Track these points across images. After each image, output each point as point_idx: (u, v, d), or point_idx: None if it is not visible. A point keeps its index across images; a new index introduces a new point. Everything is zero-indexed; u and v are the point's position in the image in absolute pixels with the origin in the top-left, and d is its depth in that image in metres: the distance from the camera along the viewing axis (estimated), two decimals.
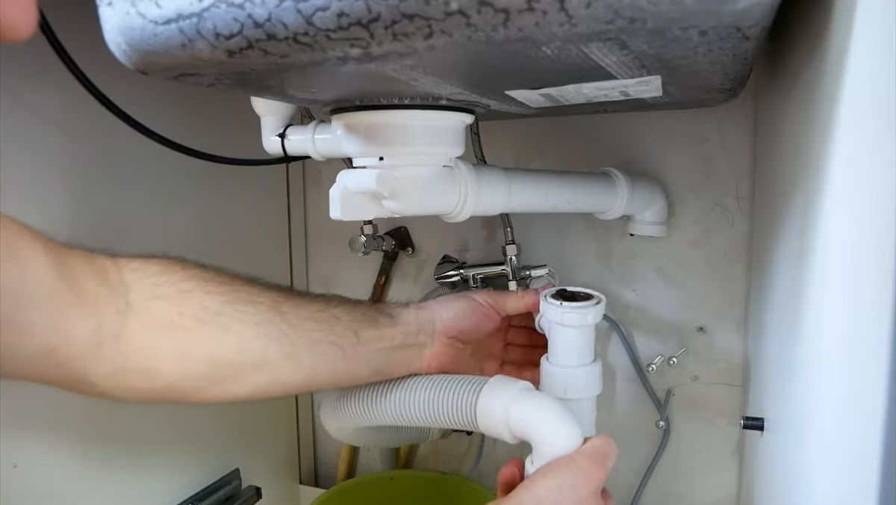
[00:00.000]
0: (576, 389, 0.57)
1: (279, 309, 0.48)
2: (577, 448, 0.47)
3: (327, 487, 0.97)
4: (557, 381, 0.57)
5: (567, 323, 0.56)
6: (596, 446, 0.47)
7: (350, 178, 0.49)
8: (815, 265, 0.34)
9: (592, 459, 0.46)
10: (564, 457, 0.46)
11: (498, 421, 0.49)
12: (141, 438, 0.75)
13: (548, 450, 0.47)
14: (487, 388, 0.51)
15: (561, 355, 0.57)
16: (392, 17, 0.28)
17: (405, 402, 0.54)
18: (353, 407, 0.58)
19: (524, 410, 0.48)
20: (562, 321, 0.56)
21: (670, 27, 0.29)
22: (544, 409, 0.48)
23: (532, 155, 0.86)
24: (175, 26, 0.32)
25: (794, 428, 0.37)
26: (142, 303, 0.42)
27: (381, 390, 0.56)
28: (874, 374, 0.21)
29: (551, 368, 0.58)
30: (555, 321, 0.57)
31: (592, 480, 0.45)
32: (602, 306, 0.57)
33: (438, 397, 0.52)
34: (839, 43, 0.30)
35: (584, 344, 0.57)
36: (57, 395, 0.44)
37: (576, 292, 0.59)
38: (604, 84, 0.43)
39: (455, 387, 0.52)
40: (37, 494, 0.64)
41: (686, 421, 0.83)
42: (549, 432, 0.47)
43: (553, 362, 0.58)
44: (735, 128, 0.76)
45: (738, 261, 0.78)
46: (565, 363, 0.57)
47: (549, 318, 0.57)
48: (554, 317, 0.57)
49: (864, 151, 0.25)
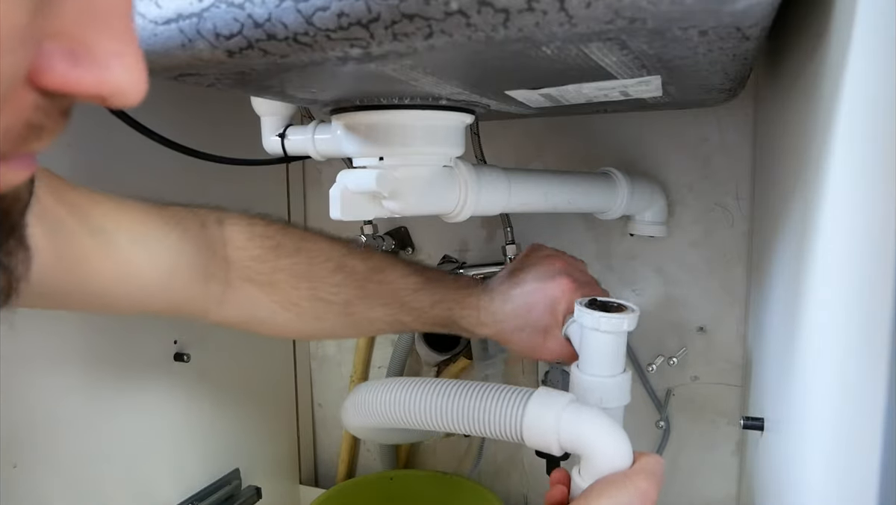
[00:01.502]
0: (611, 398, 0.56)
1: (349, 310, 0.58)
2: (628, 464, 0.46)
3: (327, 487, 0.97)
4: (593, 390, 0.56)
5: (605, 329, 0.55)
6: (651, 465, 0.46)
7: (350, 178, 0.49)
8: (814, 265, 0.33)
9: (649, 480, 0.44)
10: (620, 475, 0.45)
11: (548, 434, 0.48)
12: (141, 438, 0.75)
13: (600, 465, 0.46)
14: (535, 400, 0.50)
15: (597, 365, 0.56)
16: (392, 17, 0.28)
17: (444, 409, 0.53)
18: (382, 409, 0.57)
19: (576, 424, 0.48)
20: (598, 326, 0.55)
21: (670, 27, 0.29)
22: (597, 423, 0.48)
23: (532, 155, 0.86)
24: (175, 26, 0.32)
25: (794, 428, 0.37)
26: (238, 283, 0.55)
27: (415, 395, 0.55)
28: (874, 374, 0.21)
29: (585, 377, 0.57)
30: (590, 327, 0.56)
31: (647, 501, 0.44)
32: (637, 315, 0.57)
33: (482, 407, 0.51)
34: (839, 43, 0.30)
35: (620, 353, 0.57)
36: (57, 395, 0.44)
37: (606, 302, 0.59)
38: (604, 84, 0.43)
39: (499, 397, 0.51)
40: (37, 495, 0.64)
41: (686, 421, 0.83)
42: (602, 448, 0.46)
43: (588, 372, 0.57)
44: (735, 128, 0.76)
45: (738, 261, 0.78)
46: (601, 373, 0.56)
47: (586, 324, 0.56)
48: (590, 323, 0.56)
49: (864, 151, 0.25)
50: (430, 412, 0.54)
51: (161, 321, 0.77)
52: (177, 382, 0.80)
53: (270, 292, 0.55)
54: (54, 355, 0.65)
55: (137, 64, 0.20)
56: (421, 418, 0.55)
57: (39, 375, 0.64)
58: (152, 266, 0.49)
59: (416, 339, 0.94)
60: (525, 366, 0.92)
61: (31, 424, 0.63)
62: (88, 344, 0.68)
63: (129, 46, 0.19)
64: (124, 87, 0.19)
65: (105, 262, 0.46)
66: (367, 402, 0.59)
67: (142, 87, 0.20)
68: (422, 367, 0.99)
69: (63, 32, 0.18)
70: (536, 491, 0.95)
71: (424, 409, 0.55)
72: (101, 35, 0.19)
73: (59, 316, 0.63)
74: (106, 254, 0.46)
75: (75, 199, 0.46)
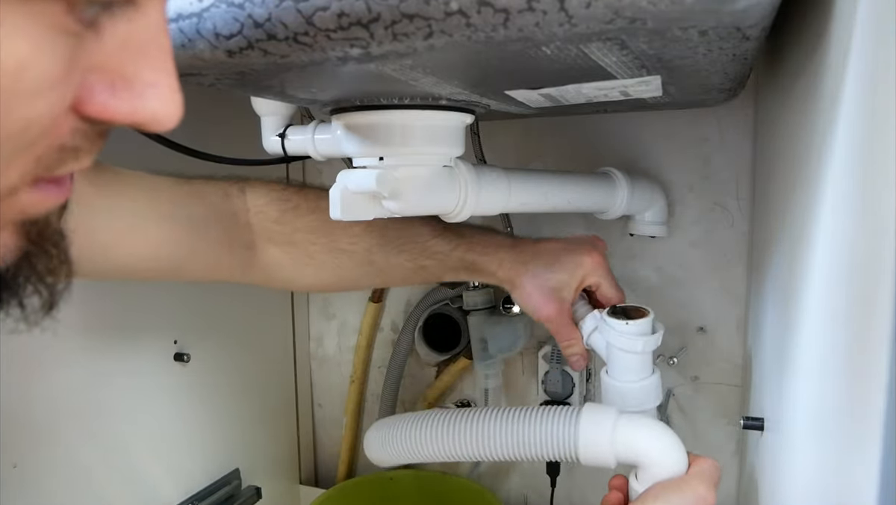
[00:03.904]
0: (648, 400, 0.57)
1: (370, 258, 0.60)
2: (684, 469, 0.46)
3: (327, 487, 0.97)
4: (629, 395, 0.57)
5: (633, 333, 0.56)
6: (708, 470, 0.46)
7: (350, 178, 0.49)
8: (814, 265, 0.33)
9: (706, 484, 0.44)
10: (678, 480, 0.45)
11: (604, 448, 0.49)
12: (141, 438, 0.75)
13: (657, 472, 0.46)
14: (586, 416, 0.50)
15: (628, 371, 0.57)
16: (392, 17, 0.28)
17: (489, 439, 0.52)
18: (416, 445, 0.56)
19: (632, 435, 0.48)
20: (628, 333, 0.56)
21: (670, 27, 0.29)
22: (652, 432, 0.48)
23: (532, 155, 0.86)
24: (175, 26, 0.32)
25: (794, 428, 0.37)
26: (262, 244, 0.58)
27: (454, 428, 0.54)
28: (874, 374, 0.21)
29: (617, 384, 0.57)
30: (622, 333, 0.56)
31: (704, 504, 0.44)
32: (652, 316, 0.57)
33: (531, 433, 0.51)
34: (839, 43, 0.30)
35: (648, 358, 0.57)
36: (57, 395, 0.44)
37: (625, 307, 0.59)
38: (604, 84, 0.43)
39: (547, 420, 0.51)
40: (37, 495, 0.64)
41: (686, 421, 0.83)
42: (658, 456, 0.47)
43: (620, 379, 0.57)
44: (735, 128, 0.76)
45: (738, 261, 0.78)
46: (631, 378, 0.57)
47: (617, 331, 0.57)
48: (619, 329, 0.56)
49: (864, 151, 0.25)
50: (473, 444, 0.53)
51: (161, 321, 0.77)
52: (177, 382, 0.80)
53: (292, 252, 0.59)
54: (55, 355, 0.65)
55: (172, 94, 0.21)
56: (461, 451, 0.54)
57: (40, 375, 0.64)
58: (180, 242, 0.52)
59: (416, 339, 0.94)
60: (525, 366, 0.92)
61: (31, 424, 0.63)
62: (88, 344, 0.68)
63: (165, 77, 0.21)
64: (159, 115, 0.21)
65: (135, 241, 0.50)
66: (396, 438, 0.57)
67: (175, 115, 0.22)
68: (422, 367, 0.99)
69: (104, 65, 0.20)
70: (537, 492, 0.95)
71: (467, 440, 0.54)
72: (139, 67, 0.21)
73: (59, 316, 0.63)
74: (135, 234, 0.49)
75: (105, 180, 0.48)
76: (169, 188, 0.53)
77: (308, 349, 1.08)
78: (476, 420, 0.54)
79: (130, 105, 0.21)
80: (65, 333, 0.66)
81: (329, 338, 1.07)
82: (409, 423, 0.57)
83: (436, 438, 0.55)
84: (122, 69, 0.20)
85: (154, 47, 0.21)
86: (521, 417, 0.52)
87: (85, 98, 0.20)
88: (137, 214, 0.50)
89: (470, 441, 0.54)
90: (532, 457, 0.52)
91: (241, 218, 0.57)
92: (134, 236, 0.49)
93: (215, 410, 0.86)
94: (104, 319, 0.70)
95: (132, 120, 0.21)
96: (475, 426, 0.54)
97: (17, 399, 0.61)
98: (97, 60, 0.20)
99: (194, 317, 0.82)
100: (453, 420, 0.55)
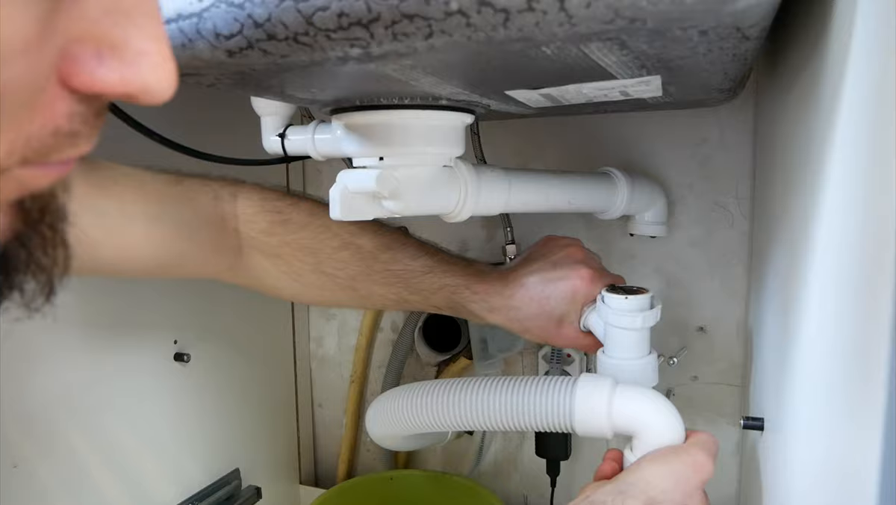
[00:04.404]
0: (644, 380, 0.56)
1: (353, 285, 0.60)
2: (682, 440, 0.46)
3: (327, 487, 0.97)
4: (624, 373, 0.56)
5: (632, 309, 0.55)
6: (706, 440, 0.45)
7: (350, 178, 0.49)
8: (814, 265, 0.34)
9: (705, 452, 0.44)
10: (675, 446, 0.45)
11: (601, 417, 0.48)
12: (141, 438, 0.75)
13: (653, 441, 0.46)
14: (581, 386, 0.50)
15: (626, 349, 0.56)
16: (392, 17, 0.28)
17: (486, 406, 0.52)
18: (413, 414, 0.56)
19: (628, 403, 0.48)
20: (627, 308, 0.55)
21: (670, 27, 0.29)
22: (647, 400, 0.48)
23: (532, 155, 0.86)
24: (175, 26, 0.32)
25: (794, 428, 0.37)
26: (248, 251, 0.58)
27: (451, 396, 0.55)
28: (874, 374, 0.21)
29: (614, 361, 0.56)
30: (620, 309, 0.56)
31: (702, 472, 0.43)
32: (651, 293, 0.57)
33: (528, 401, 0.51)
34: (839, 43, 0.30)
35: (646, 335, 0.57)
36: (57, 395, 0.44)
37: (623, 287, 0.58)
38: (604, 84, 0.43)
39: (544, 389, 0.51)
40: (37, 495, 0.64)
41: (686, 421, 0.82)
42: (655, 424, 0.46)
43: (618, 357, 0.56)
44: (735, 128, 0.76)
45: (738, 261, 0.78)
46: (630, 356, 0.56)
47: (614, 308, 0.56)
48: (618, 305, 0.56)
49: (864, 151, 0.25)
50: (470, 413, 0.53)
51: (161, 321, 0.77)
52: (177, 382, 0.80)
53: (277, 263, 0.58)
54: (55, 355, 0.65)
55: (164, 62, 0.20)
56: (458, 419, 0.54)
57: (39, 375, 0.64)
58: (166, 243, 0.53)
59: (416, 339, 0.94)
60: (525, 366, 0.92)
61: (31, 424, 0.63)
62: (88, 344, 0.68)
63: (155, 44, 0.20)
64: (150, 84, 0.20)
65: (122, 241, 0.50)
66: (394, 408, 0.58)
67: (170, 85, 0.20)
68: (422, 367, 0.99)
69: (89, 34, 0.19)
70: (536, 491, 0.95)
71: (463, 409, 0.54)
72: (127, 34, 0.19)
73: (59, 316, 0.63)
74: (122, 233, 0.50)
75: (97, 178, 0.48)
76: (159, 189, 0.53)
77: (308, 349, 1.08)
78: (473, 389, 0.54)
79: (119, 74, 0.19)
80: (65, 334, 0.66)
81: (329, 338, 1.07)
82: (407, 393, 0.57)
83: (433, 408, 0.55)
84: (108, 36, 0.19)
85: (142, 12, 0.19)
86: (518, 386, 0.52)
87: (71, 71, 0.19)
88: (125, 214, 0.50)
89: (467, 410, 0.54)
90: (528, 426, 0.52)
91: (230, 224, 0.57)
92: (121, 236, 0.50)
93: (215, 410, 0.86)
94: (104, 319, 0.70)
95: (123, 90, 0.19)
96: (472, 395, 0.54)
97: (18, 399, 0.61)
98: (81, 28, 0.18)
99: (194, 317, 0.82)
100: (450, 390, 0.55)
